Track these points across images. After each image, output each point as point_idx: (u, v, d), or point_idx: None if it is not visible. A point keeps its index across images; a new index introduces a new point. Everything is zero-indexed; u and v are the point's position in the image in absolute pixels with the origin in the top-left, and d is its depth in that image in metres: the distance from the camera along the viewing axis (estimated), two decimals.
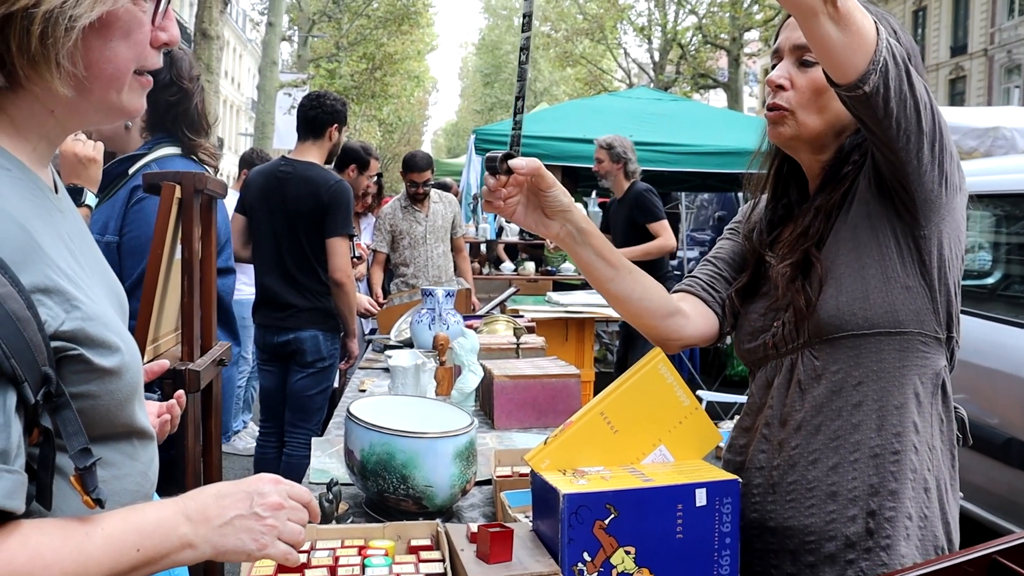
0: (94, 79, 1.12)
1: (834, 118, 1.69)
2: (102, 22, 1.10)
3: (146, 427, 1.25)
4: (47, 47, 1.05)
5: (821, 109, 1.68)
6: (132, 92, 1.18)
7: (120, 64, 1.14)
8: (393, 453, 1.92)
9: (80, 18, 1.06)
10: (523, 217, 1.70)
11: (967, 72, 36.01)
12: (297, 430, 4.65)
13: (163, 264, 2.25)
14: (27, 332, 0.97)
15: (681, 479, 1.56)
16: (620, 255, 1.78)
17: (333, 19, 27.36)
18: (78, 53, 1.09)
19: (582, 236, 1.72)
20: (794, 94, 1.70)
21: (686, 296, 1.91)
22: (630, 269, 1.78)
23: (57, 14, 1.04)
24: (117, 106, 1.18)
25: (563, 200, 1.69)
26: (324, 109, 4.70)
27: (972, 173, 5.13)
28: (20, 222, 1.03)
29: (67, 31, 1.05)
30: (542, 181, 1.66)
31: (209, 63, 14.07)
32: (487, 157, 1.65)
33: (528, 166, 1.63)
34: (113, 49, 1.13)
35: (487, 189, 1.67)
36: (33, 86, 1.09)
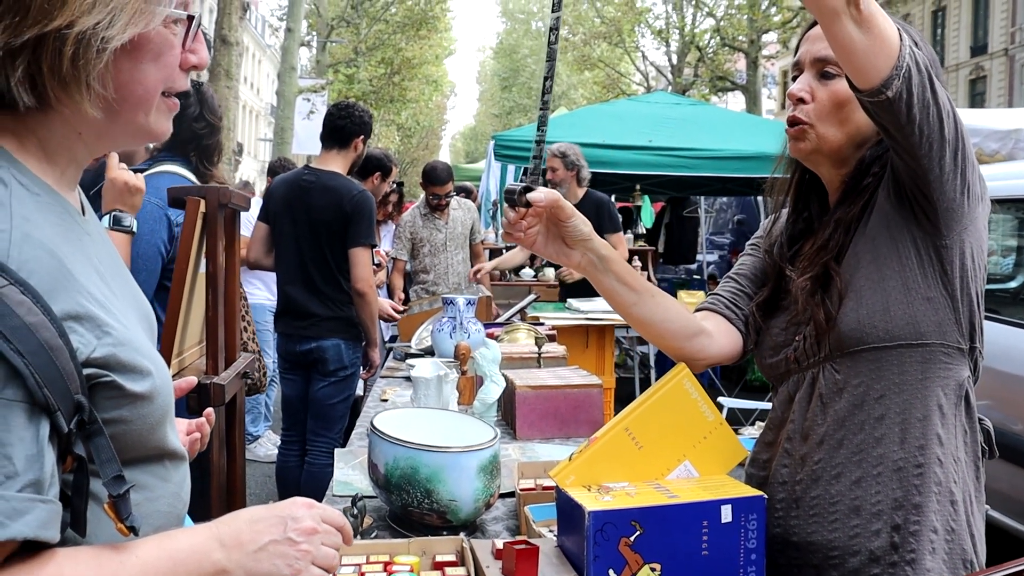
0: (123, 101, 1.12)
1: (855, 131, 1.69)
2: (133, 44, 1.09)
3: (178, 448, 1.25)
4: (78, 69, 1.05)
5: (842, 122, 1.68)
6: (160, 114, 1.18)
7: (149, 86, 1.14)
8: (417, 467, 1.92)
9: (112, 40, 1.05)
10: (543, 247, 1.71)
11: (987, 72, 35.80)
12: (319, 438, 4.66)
13: (188, 278, 2.26)
14: (59, 361, 0.97)
15: (706, 495, 1.56)
16: (641, 279, 1.78)
17: (352, 24, 27.42)
18: (108, 75, 1.08)
19: (603, 263, 1.72)
20: (815, 107, 1.69)
21: (709, 315, 1.90)
22: (652, 292, 1.79)
23: (90, 36, 1.04)
24: (144, 128, 1.18)
25: (583, 229, 1.69)
26: (352, 120, 4.71)
27: (995, 177, 5.12)
28: (50, 248, 1.03)
29: (99, 53, 1.05)
30: (561, 212, 1.66)
31: (229, 69, 14.14)
32: (506, 190, 1.66)
33: (547, 199, 1.63)
34: (143, 71, 1.12)
35: (507, 221, 1.67)
36: (63, 108, 1.09)
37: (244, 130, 50.38)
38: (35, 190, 1.08)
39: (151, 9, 1.10)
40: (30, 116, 1.09)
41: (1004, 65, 34.70)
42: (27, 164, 1.10)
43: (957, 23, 37.66)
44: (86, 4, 1.03)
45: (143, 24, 1.09)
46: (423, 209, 6.74)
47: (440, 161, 7.08)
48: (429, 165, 6.80)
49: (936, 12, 39.30)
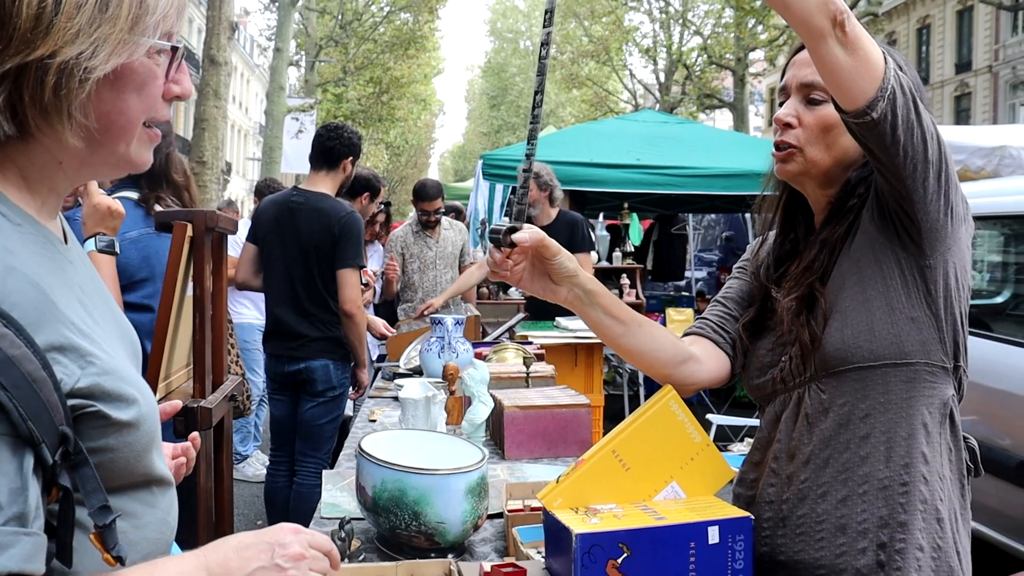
0: (105, 131, 1.11)
1: (841, 154, 1.71)
2: (116, 74, 1.09)
3: (165, 474, 1.24)
4: (60, 98, 1.04)
5: (829, 146, 1.70)
6: (141, 145, 1.18)
7: (132, 116, 1.13)
8: (405, 490, 1.92)
9: (95, 70, 1.05)
10: (530, 283, 1.71)
11: (972, 89, 36.00)
12: (307, 459, 4.65)
13: (175, 302, 2.26)
14: (43, 393, 0.97)
15: (693, 517, 1.56)
16: (628, 309, 1.79)
17: (340, 44, 27.48)
18: (90, 105, 1.08)
19: (590, 297, 1.73)
20: (802, 132, 1.71)
21: (697, 339, 1.91)
22: (640, 322, 1.79)
23: (72, 65, 1.03)
24: (125, 159, 1.17)
25: (568, 266, 1.69)
26: (342, 141, 4.72)
27: (980, 194, 5.16)
28: (33, 280, 1.02)
29: (81, 83, 1.05)
30: (546, 251, 1.66)
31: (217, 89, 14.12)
32: (491, 230, 1.66)
33: (532, 239, 1.63)
34: (126, 101, 1.12)
35: (492, 261, 1.67)
36: (43, 137, 1.08)
37: (233, 149, 50.36)
38: (16, 220, 1.08)
39: (135, 40, 1.09)
40: (10, 145, 1.09)
41: (988, 82, 34.91)
42: (8, 194, 1.09)
43: (942, 40, 37.88)
44: (69, 34, 1.03)
45: (126, 55, 1.09)
46: (415, 226, 6.77)
47: (430, 179, 7.10)
48: (419, 182, 6.83)
49: (920, 30, 39.54)
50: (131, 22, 1.09)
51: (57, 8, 1.03)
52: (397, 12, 29.19)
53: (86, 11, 1.04)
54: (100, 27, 1.05)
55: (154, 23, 1.12)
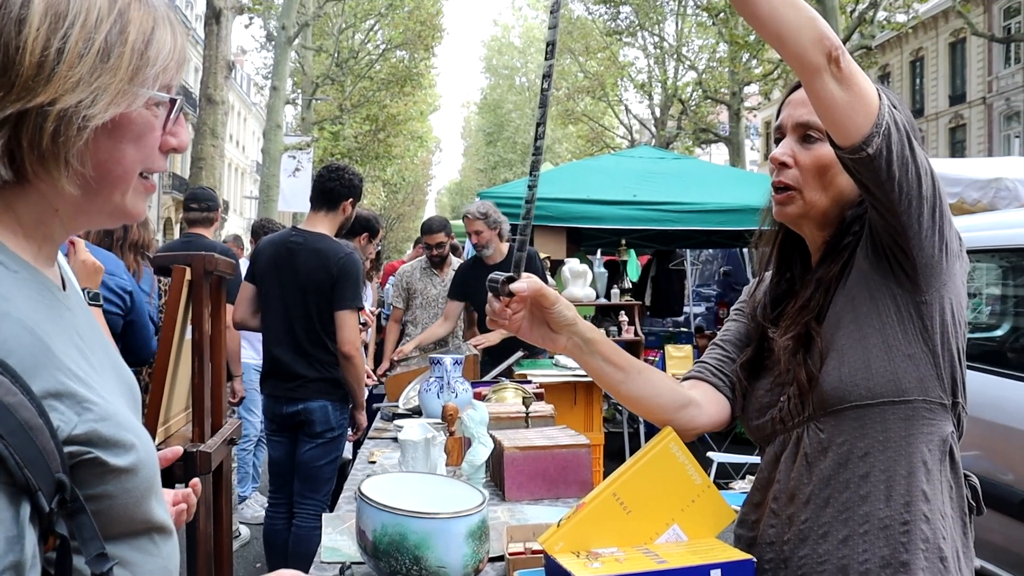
0: (101, 180, 1.12)
1: (838, 194, 1.71)
2: (114, 124, 1.10)
3: (165, 521, 1.23)
4: (58, 145, 1.05)
5: (826, 186, 1.71)
6: (136, 195, 1.18)
7: (128, 166, 1.14)
8: (405, 534, 1.91)
9: (94, 118, 1.06)
10: (529, 332, 1.71)
11: (967, 120, 36.21)
12: (306, 501, 4.62)
13: (174, 345, 2.26)
14: (39, 440, 0.96)
15: (695, 560, 1.55)
16: (628, 356, 1.79)
17: (336, 82, 27.65)
18: (87, 153, 1.09)
19: (589, 346, 1.74)
20: (798, 172, 1.72)
21: (696, 383, 1.91)
22: (639, 369, 1.79)
23: (72, 113, 1.05)
24: (120, 208, 1.18)
25: (567, 315, 1.70)
26: (342, 182, 4.73)
27: (977, 227, 5.17)
28: (30, 327, 1.02)
29: (79, 131, 1.06)
30: (544, 299, 1.67)
31: (214, 127, 14.22)
32: (489, 279, 1.66)
33: (530, 288, 1.64)
34: (123, 151, 1.13)
35: (491, 310, 1.68)
36: (40, 183, 1.09)
37: (230, 188, 50.53)
38: (13, 267, 1.08)
39: (134, 91, 1.11)
40: (8, 191, 1.09)
41: (983, 113, 35.12)
42: (5, 241, 1.09)
43: (935, 73, 38.15)
44: (70, 82, 1.04)
45: (125, 105, 1.10)
46: (424, 263, 6.82)
47: (438, 216, 7.17)
48: (427, 219, 6.97)
49: (914, 62, 39.82)
50: (131, 73, 1.10)
51: (60, 57, 1.04)
52: (393, 50, 29.44)
53: (88, 61, 1.06)
54: (101, 77, 1.07)
55: (154, 75, 1.14)
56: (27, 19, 1.04)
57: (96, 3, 1.08)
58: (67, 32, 1.05)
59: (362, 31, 29.67)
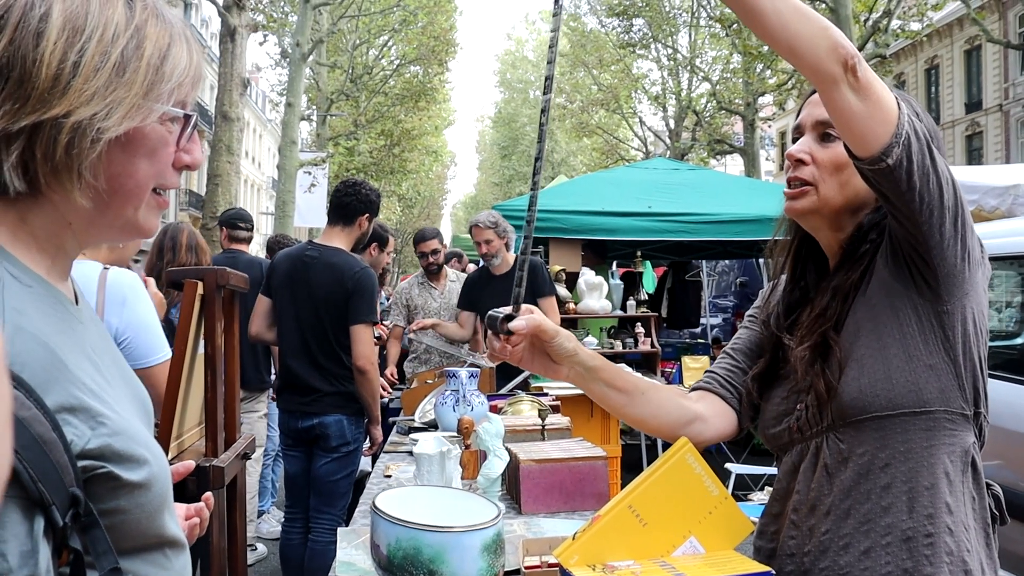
0: (114, 193, 1.13)
1: (853, 195, 1.69)
2: (128, 137, 1.11)
3: (177, 536, 1.23)
4: (72, 157, 1.06)
5: (842, 185, 1.69)
6: (149, 211, 1.19)
7: (141, 180, 1.15)
8: (420, 548, 1.89)
9: (108, 131, 1.07)
10: (530, 363, 1.72)
11: (983, 128, 36.05)
12: (322, 515, 4.61)
13: (187, 359, 2.25)
14: (53, 455, 0.96)
15: (713, 572, 1.53)
16: (630, 378, 1.79)
17: (351, 98, 27.72)
18: (101, 166, 1.09)
19: (591, 374, 1.74)
20: (815, 169, 1.70)
21: (704, 395, 1.90)
22: (642, 390, 1.80)
23: (86, 126, 1.05)
24: (133, 223, 1.18)
25: (567, 346, 1.70)
26: (359, 198, 4.74)
27: (996, 235, 5.12)
28: (43, 340, 1.02)
29: (93, 143, 1.06)
30: (544, 334, 1.67)
31: (230, 144, 14.30)
32: (488, 316, 1.66)
33: (528, 326, 1.64)
34: (136, 165, 1.13)
35: (491, 347, 1.68)
36: (53, 195, 1.09)
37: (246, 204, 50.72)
38: (27, 281, 1.08)
39: (149, 105, 1.12)
40: (21, 203, 1.09)
41: (999, 120, 34.96)
42: (18, 255, 1.09)
43: (951, 80, 38.02)
44: (85, 95, 1.05)
45: (139, 119, 1.11)
46: (420, 278, 6.83)
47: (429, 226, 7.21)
48: (419, 230, 6.97)
49: (929, 70, 39.70)
50: (146, 88, 1.11)
51: (76, 70, 1.05)
52: (407, 65, 29.49)
53: (103, 74, 1.07)
54: (116, 90, 1.08)
55: (169, 90, 1.15)
56: (45, 32, 1.05)
57: (114, 18, 1.09)
58: (84, 46, 1.06)
59: (376, 47, 29.74)
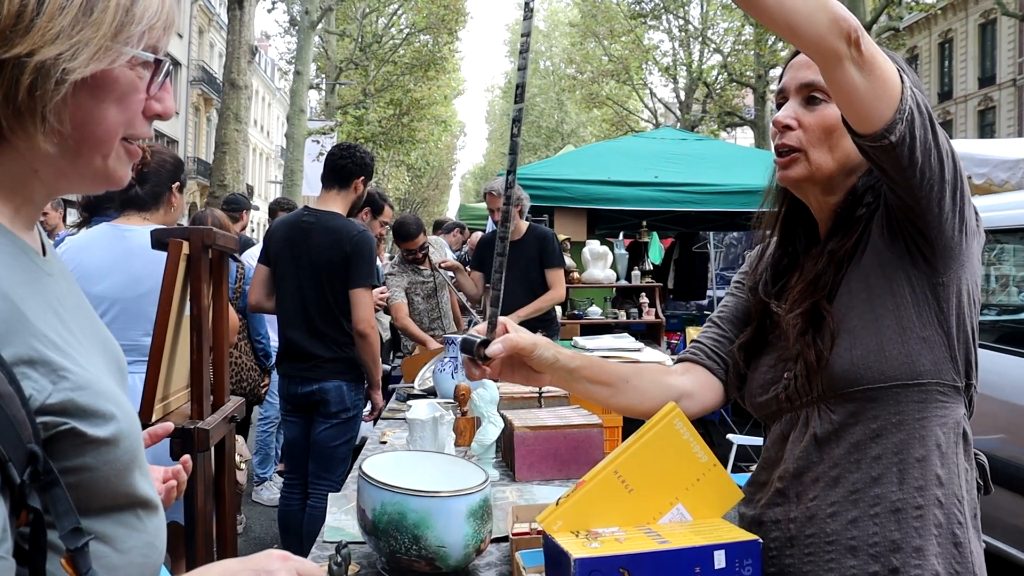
0: (82, 140, 1.09)
1: (845, 157, 1.64)
2: (96, 80, 1.07)
3: (150, 496, 1.20)
4: (35, 99, 1.02)
5: (832, 148, 1.64)
6: (119, 160, 1.15)
7: (110, 127, 1.11)
8: (405, 512, 1.87)
9: (73, 72, 1.03)
10: (510, 375, 1.68)
11: (996, 103, 35.81)
12: (321, 481, 4.59)
13: (172, 321, 2.22)
14: (10, 408, 0.93)
15: (699, 540, 1.49)
16: (613, 370, 1.77)
17: (360, 66, 27.61)
18: (66, 110, 1.06)
19: (574, 374, 1.71)
20: (803, 134, 1.65)
21: (690, 367, 1.88)
22: (626, 379, 1.77)
23: (50, 66, 1.01)
24: (103, 172, 1.14)
25: (547, 356, 1.66)
26: (354, 160, 4.69)
27: (1005, 207, 5.06)
28: (3, 291, 0.99)
29: (57, 84, 1.02)
30: (522, 351, 1.62)
31: (238, 112, 14.28)
32: (464, 341, 1.61)
33: (506, 349, 1.59)
34: (104, 111, 1.10)
35: (468, 371, 1.63)
36: (17, 141, 1.06)
37: (254, 173, 50.78)
38: None
39: (117, 48, 1.08)
40: None
41: (1013, 95, 34.72)
42: None
43: (964, 54, 37.74)
44: (50, 34, 1.01)
45: (107, 61, 1.07)
46: (399, 265, 6.70)
47: (409, 215, 7.05)
48: (397, 221, 6.72)
49: (943, 44, 39.40)
50: (115, 29, 1.07)
51: (40, 8, 1.01)
52: (417, 34, 29.34)
53: (69, 13, 1.03)
54: (82, 31, 1.04)
55: (139, 33, 1.11)
56: None
57: None
58: None
59: (385, 15, 29.59)
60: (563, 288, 6.33)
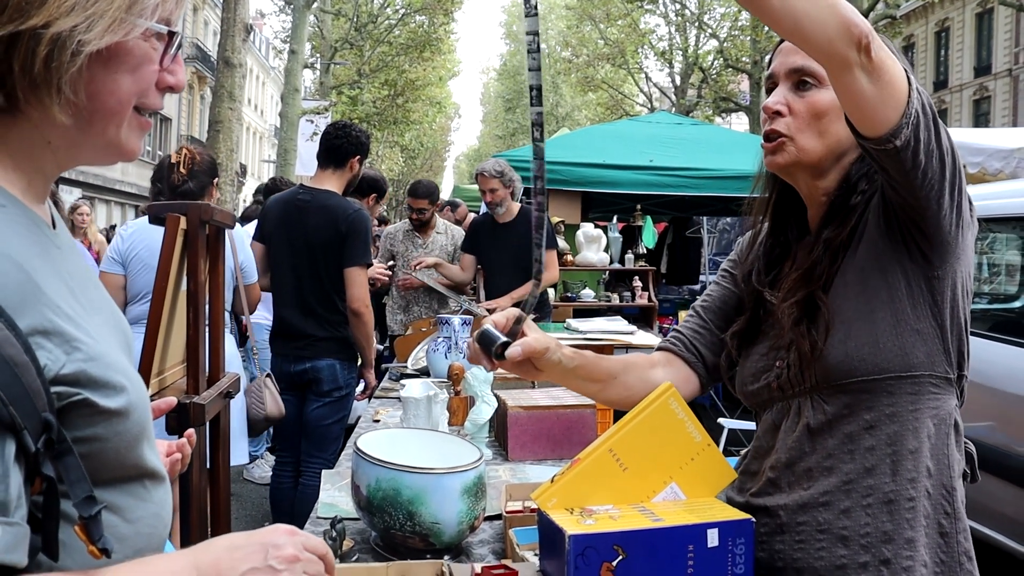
0: (95, 111, 1.09)
1: (835, 142, 1.63)
2: (110, 52, 1.07)
3: (157, 467, 1.20)
4: (51, 71, 1.02)
5: (821, 133, 1.63)
6: (131, 131, 1.15)
7: (123, 97, 1.11)
8: (399, 489, 1.88)
9: (88, 44, 1.03)
10: (512, 368, 1.69)
11: (991, 92, 35.81)
12: (313, 460, 4.60)
13: (168, 296, 2.22)
14: (26, 378, 0.93)
15: (692, 519, 1.51)
16: (605, 367, 1.81)
17: (355, 46, 27.50)
18: (81, 81, 1.06)
19: (572, 373, 1.75)
20: (792, 120, 1.64)
21: (669, 358, 1.91)
22: (615, 375, 1.81)
23: (66, 37, 1.01)
24: (115, 143, 1.15)
25: (554, 359, 1.69)
26: (349, 140, 4.67)
27: (999, 195, 5.07)
28: (17, 261, 0.99)
29: (73, 56, 1.03)
30: (535, 354, 1.65)
31: (232, 90, 14.19)
32: (485, 332, 1.63)
33: (523, 355, 1.62)
34: (118, 81, 1.10)
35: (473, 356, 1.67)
36: (32, 111, 1.06)
37: (248, 152, 50.60)
38: (2, 202, 1.05)
39: (131, 20, 1.08)
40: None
41: (1008, 85, 34.72)
42: None
43: (961, 44, 37.71)
44: (65, 6, 1.01)
45: (122, 33, 1.07)
46: (407, 225, 6.79)
47: (426, 179, 7.12)
48: (414, 181, 6.89)
49: (939, 33, 39.37)
50: (129, 1, 1.08)
51: None
52: (412, 14, 29.21)
53: None
54: (97, 2, 1.04)
55: (152, 5, 1.11)
56: None
57: None
58: None
59: None
60: (555, 269, 6.33)
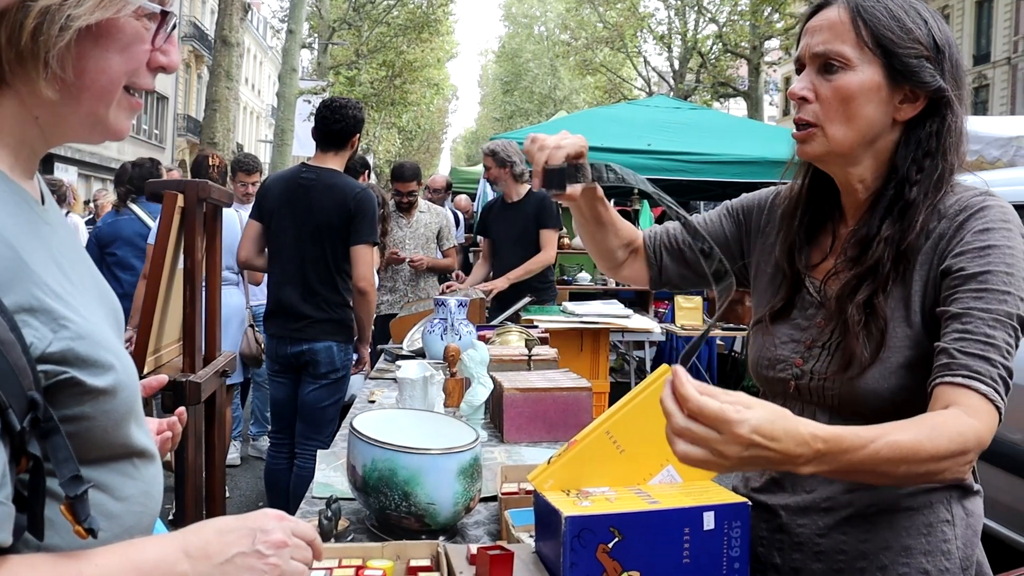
0: (84, 89, 1.08)
1: (865, 126, 1.55)
2: (100, 29, 1.06)
3: (147, 446, 1.20)
4: (38, 44, 1.01)
5: (850, 118, 1.54)
6: (120, 111, 1.14)
7: (113, 76, 1.10)
8: (395, 469, 1.87)
9: (78, 19, 1.02)
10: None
11: (990, 81, 35.77)
12: (309, 442, 4.58)
13: (165, 274, 2.21)
14: (11, 355, 0.93)
15: (689, 501, 1.50)
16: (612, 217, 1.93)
17: (353, 27, 27.43)
18: (69, 57, 1.05)
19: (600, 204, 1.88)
20: (820, 106, 1.56)
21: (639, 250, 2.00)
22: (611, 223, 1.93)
23: (54, 11, 1.01)
24: (103, 122, 1.14)
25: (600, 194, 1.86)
26: (347, 121, 4.61)
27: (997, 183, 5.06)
28: (5, 238, 0.99)
29: (62, 30, 1.02)
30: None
31: (229, 70, 14.16)
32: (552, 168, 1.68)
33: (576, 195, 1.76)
34: (108, 60, 1.09)
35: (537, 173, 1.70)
36: (19, 85, 1.05)
37: (244, 132, 50.48)
38: None
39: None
40: None
41: (1007, 74, 34.67)
42: None
43: (960, 32, 37.61)
44: None
45: (113, 10, 1.06)
46: (391, 207, 6.83)
47: (409, 161, 7.13)
48: (398, 163, 6.91)
49: None
50: None
51: None
52: None
53: None
54: None
55: None
56: None
57: None
58: None
59: None
60: (553, 250, 6.31)
